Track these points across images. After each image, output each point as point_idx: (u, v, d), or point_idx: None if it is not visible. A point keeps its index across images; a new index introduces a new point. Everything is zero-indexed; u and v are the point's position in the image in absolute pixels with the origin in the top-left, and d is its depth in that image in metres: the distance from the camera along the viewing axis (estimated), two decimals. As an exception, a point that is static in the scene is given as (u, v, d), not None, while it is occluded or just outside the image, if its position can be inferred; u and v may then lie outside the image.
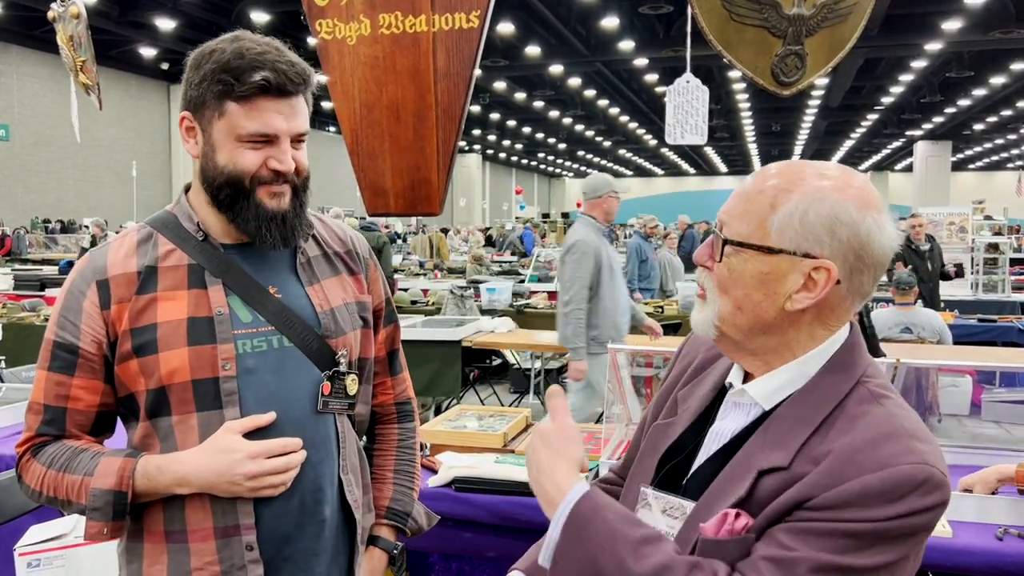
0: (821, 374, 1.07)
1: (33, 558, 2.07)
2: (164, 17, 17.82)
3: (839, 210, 1.02)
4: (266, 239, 1.34)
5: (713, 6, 2.65)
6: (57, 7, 3.74)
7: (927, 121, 27.93)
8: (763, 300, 1.05)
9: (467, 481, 2.28)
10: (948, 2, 15.12)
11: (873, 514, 0.93)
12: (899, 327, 5.65)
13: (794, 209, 1.03)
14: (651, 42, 18.45)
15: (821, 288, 1.03)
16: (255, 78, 1.27)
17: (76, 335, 1.32)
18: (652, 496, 1.14)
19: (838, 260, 1.03)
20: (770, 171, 1.09)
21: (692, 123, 3.01)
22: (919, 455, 0.95)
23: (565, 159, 47.61)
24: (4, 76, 20.62)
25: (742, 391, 1.12)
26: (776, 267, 1.04)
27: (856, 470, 0.95)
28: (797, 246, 1.03)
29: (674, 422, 1.20)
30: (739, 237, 1.06)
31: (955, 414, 3.58)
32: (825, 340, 1.08)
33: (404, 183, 2.87)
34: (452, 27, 2.71)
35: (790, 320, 1.06)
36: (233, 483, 1.28)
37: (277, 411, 1.33)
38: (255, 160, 1.31)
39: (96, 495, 1.28)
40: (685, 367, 1.28)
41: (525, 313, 7.99)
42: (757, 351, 1.10)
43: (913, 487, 0.93)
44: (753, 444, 1.06)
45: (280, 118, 1.31)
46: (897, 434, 0.97)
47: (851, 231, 1.02)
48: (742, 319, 1.07)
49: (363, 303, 1.50)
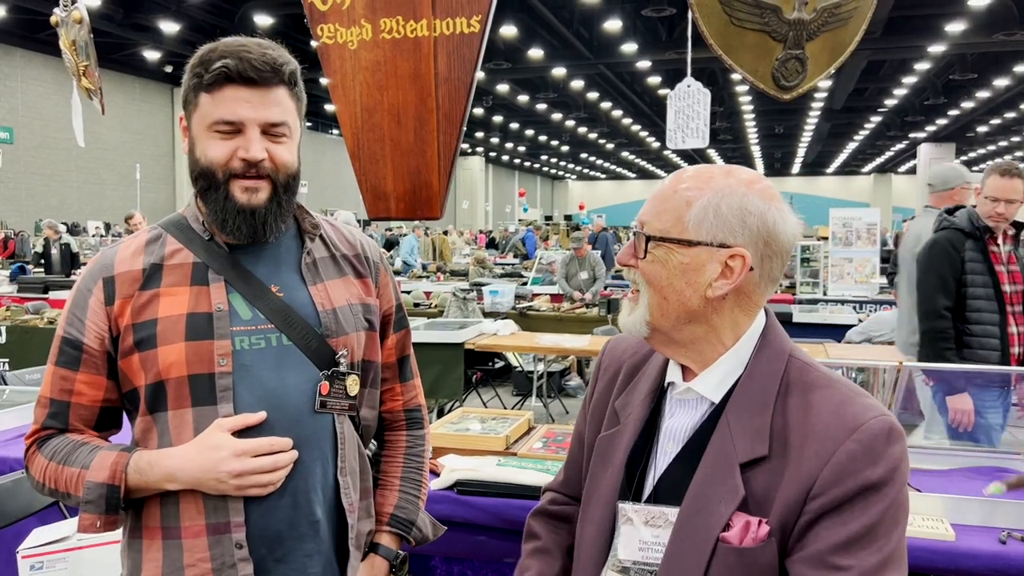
0: (755, 360, 1.15)
1: (36, 560, 2.07)
2: (168, 20, 17.86)
3: (747, 202, 1.13)
4: (233, 232, 1.34)
5: (714, 11, 2.66)
6: (60, 12, 3.75)
7: (930, 123, 27.90)
8: (686, 288, 1.13)
9: (469, 484, 2.27)
10: (951, 4, 15.10)
11: (869, 477, 1.03)
12: (902, 330, 5.64)
13: (707, 203, 1.12)
14: (654, 44, 18.46)
15: (737, 274, 1.12)
16: (215, 66, 1.28)
17: (81, 331, 1.35)
18: (632, 510, 1.17)
19: (750, 248, 1.12)
20: (683, 175, 1.18)
21: (693, 127, 3.02)
22: (873, 409, 1.08)
23: (568, 161, 47.62)
24: (8, 79, 20.68)
25: (687, 388, 1.18)
26: (696, 258, 1.13)
27: (834, 443, 1.05)
28: (713, 237, 1.12)
29: (619, 431, 1.25)
30: (659, 233, 1.15)
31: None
32: (747, 327, 1.17)
33: (405, 187, 2.88)
34: (453, 32, 2.72)
35: (712, 307, 1.14)
36: (219, 480, 1.28)
37: (273, 409, 1.33)
38: (224, 150, 1.31)
39: (90, 488, 1.30)
40: (612, 377, 1.34)
41: (528, 315, 8.00)
42: (686, 342, 1.17)
43: (885, 438, 1.05)
44: (720, 439, 1.12)
45: (247, 106, 1.30)
46: (847, 397, 1.09)
47: (759, 220, 1.12)
48: (669, 308, 1.15)
49: (369, 306, 1.49)
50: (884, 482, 1.04)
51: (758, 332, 1.17)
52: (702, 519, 1.09)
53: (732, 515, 1.07)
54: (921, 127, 28.49)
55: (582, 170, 52.44)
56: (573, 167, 50.96)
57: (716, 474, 1.09)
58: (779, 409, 1.11)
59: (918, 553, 1.97)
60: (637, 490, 1.19)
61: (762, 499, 1.07)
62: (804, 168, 47.47)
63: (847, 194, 48.27)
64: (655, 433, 1.21)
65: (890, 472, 1.04)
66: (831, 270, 9.78)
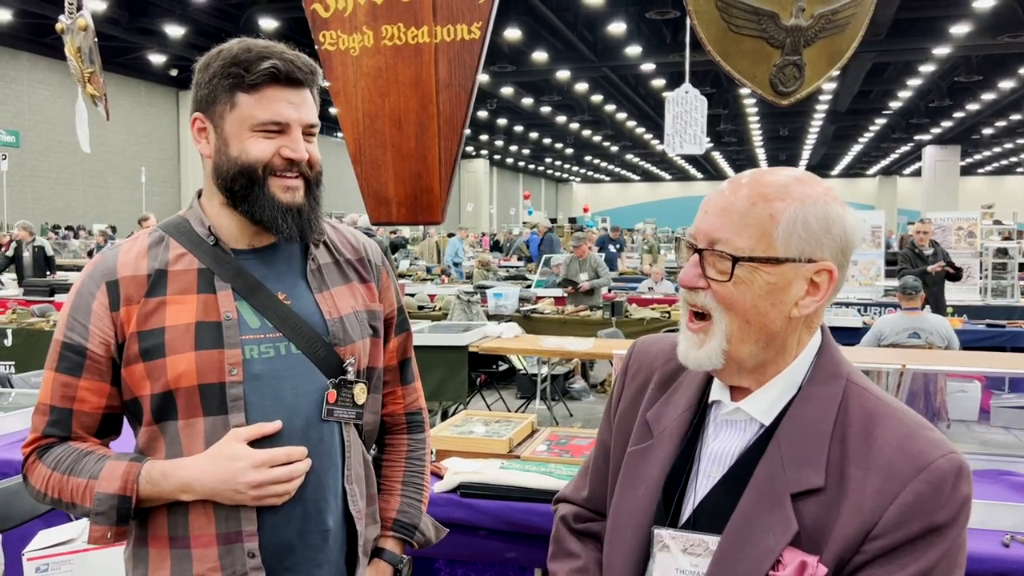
0: (810, 381, 1.07)
1: (41, 563, 2.08)
2: (173, 24, 17.92)
3: (830, 211, 1.05)
4: (283, 230, 1.34)
5: (711, 17, 2.66)
6: (65, 19, 3.77)
7: (935, 126, 27.83)
8: (770, 310, 1.05)
9: (473, 487, 2.28)
10: (956, 6, 15.07)
11: (934, 519, 0.97)
12: (907, 332, 5.63)
13: (795, 216, 1.03)
14: (658, 47, 18.46)
15: (825, 290, 1.05)
16: (264, 66, 1.29)
17: (84, 336, 1.32)
18: (669, 536, 1.10)
19: (834, 260, 1.05)
20: (749, 182, 1.08)
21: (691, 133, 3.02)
22: (942, 446, 1.00)
23: (572, 164, 47.59)
24: (15, 83, 20.76)
25: (736, 409, 1.10)
26: (782, 275, 1.04)
27: (900, 481, 0.98)
28: (801, 252, 1.04)
29: (652, 446, 1.16)
30: (744, 252, 1.04)
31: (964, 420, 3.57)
32: (807, 345, 1.09)
33: (406, 192, 2.89)
34: (454, 38, 2.73)
35: (791, 328, 1.06)
36: (237, 491, 1.27)
37: (282, 418, 1.32)
38: (268, 148, 1.31)
39: (100, 499, 1.28)
40: (641, 385, 1.24)
41: (532, 318, 8.00)
42: (755, 367, 1.09)
43: (953, 480, 0.98)
44: (769, 465, 1.04)
45: (291, 107, 1.32)
46: (913, 431, 1.02)
47: (841, 228, 1.05)
48: (751, 332, 1.06)
49: (373, 312, 1.49)
50: (947, 525, 0.97)
51: (814, 351, 1.10)
52: (748, 551, 1.01)
53: (783, 550, 0.99)
54: (926, 129, 28.42)
55: (586, 173, 52.39)
56: (577, 170, 50.93)
57: (764, 503, 1.02)
58: (837, 437, 1.03)
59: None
60: (674, 514, 1.11)
61: (815, 534, 0.99)
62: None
63: (852, 196, 48.15)
64: (694, 453, 1.12)
65: (955, 515, 0.98)
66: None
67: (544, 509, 2.16)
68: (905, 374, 2.73)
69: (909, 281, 5.85)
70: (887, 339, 5.64)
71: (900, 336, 5.62)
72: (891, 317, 5.92)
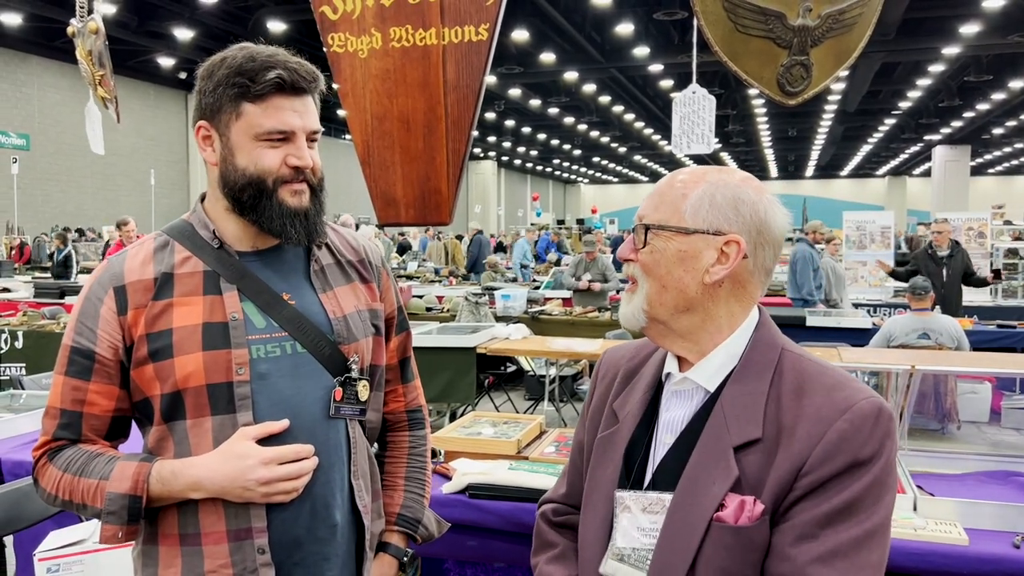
0: (750, 351, 1.20)
1: (52, 563, 2.10)
2: (182, 27, 17.99)
3: (740, 193, 1.20)
4: (291, 236, 1.37)
5: (718, 18, 2.66)
6: (76, 23, 3.80)
7: (945, 125, 27.71)
8: (684, 275, 1.19)
9: (481, 488, 2.28)
10: (966, 6, 15.00)
11: (857, 455, 1.08)
12: (916, 333, 5.60)
13: (703, 194, 1.19)
14: (666, 48, 18.44)
15: (733, 260, 1.18)
16: (269, 76, 1.31)
17: (93, 340, 1.35)
18: (630, 498, 1.21)
19: (743, 236, 1.18)
20: (679, 173, 1.25)
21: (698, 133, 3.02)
22: (864, 392, 1.13)
23: (580, 165, 47.59)
24: (25, 87, 20.88)
25: (683, 379, 1.22)
26: (692, 245, 1.18)
27: (826, 423, 1.10)
28: (709, 224, 1.18)
29: (618, 429, 1.29)
30: (658, 223, 1.21)
31: (974, 421, 3.56)
32: (743, 319, 1.22)
33: (415, 193, 2.90)
34: (461, 40, 2.74)
35: (710, 295, 1.19)
36: (246, 488, 1.30)
37: (289, 416, 1.35)
38: (275, 159, 1.34)
39: (111, 499, 1.30)
40: (610, 382, 1.37)
41: (540, 320, 8.00)
42: (684, 332, 1.22)
43: (875, 419, 1.10)
44: (714, 425, 1.16)
45: (295, 115, 1.34)
46: (840, 383, 1.14)
47: (751, 209, 1.19)
48: (667, 297, 1.20)
49: (375, 311, 1.52)
50: (869, 459, 1.08)
51: (752, 326, 1.22)
52: (695, 500, 1.12)
53: (726, 495, 1.10)
54: (936, 129, 28.30)
55: (594, 174, 52.38)
56: (585, 171, 50.93)
57: (710, 458, 1.13)
58: (773, 395, 1.15)
59: (931, 557, 1.96)
60: (637, 484, 1.22)
61: (755, 480, 1.10)
62: (818, 171, 47.25)
63: (861, 197, 48.00)
64: (653, 426, 1.24)
65: (876, 450, 1.09)
66: (845, 273, 9.72)
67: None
68: (915, 375, 2.72)
69: (919, 281, 5.82)
70: (896, 340, 5.62)
71: (910, 337, 5.59)
72: (901, 318, 5.89)
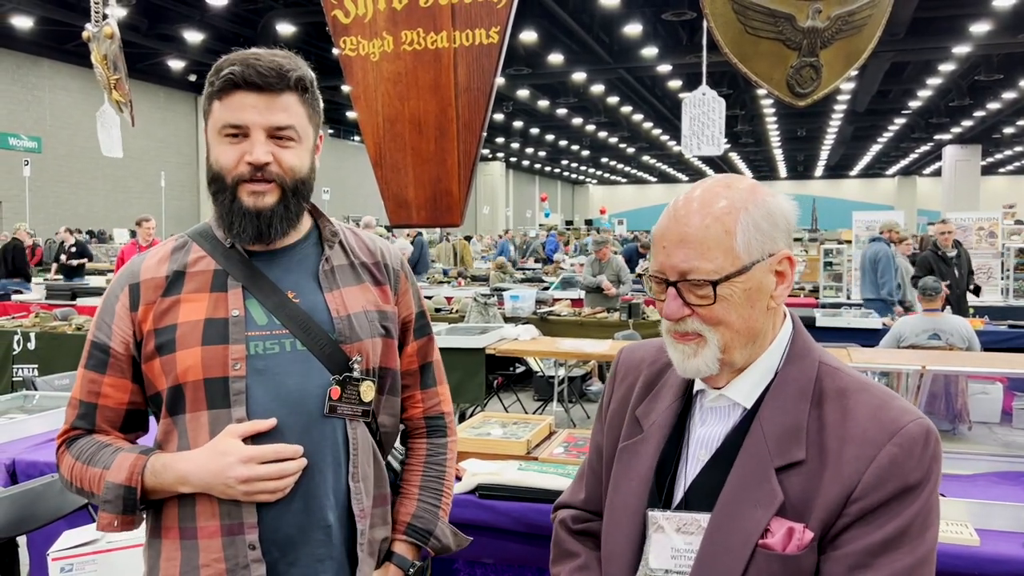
0: (787, 365, 1.16)
1: (66, 563, 2.11)
2: (192, 30, 18.07)
3: (770, 205, 1.14)
4: (240, 236, 1.38)
5: (728, 19, 2.66)
6: (91, 27, 3.83)
7: (956, 125, 27.57)
8: (752, 312, 1.13)
9: (491, 488, 2.29)
10: (976, 4, 14.93)
11: (908, 480, 1.05)
12: (927, 333, 5.58)
13: (746, 223, 1.12)
14: (674, 48, 18.41)
15: (791, 274, 1.15)
16: (222, 73, 1.34)
17: (108, 335, 1.40)
18: (663, 518, 1.16)
19: (787, 245, 1.15)
20: (691, 207, 1.14)
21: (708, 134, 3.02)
22: (911, 412, 1.09)
23: (588, 166, 47.55)
24: (36, 89, 21.01)
25: (719, 395, 1.18)
26: (754, 279, 1.12)
27: (875, 446, 1.06)
28: (762, 252, 1.13)
29: (643, 439, 1.24)
30: (720, 274, 1.11)
31: (985, 421, 3.55)
32: (780, 329, 1.18)
33: (426, 195, 2.92)
34: (472, 43, 2.75)
35: (768, 318, 1.16)
36: (227, 485, 1.31)
37: (285, 413, 1.35)
38: (233, 155, 1.35)
39: (109, 488, 1.34)
40: (630, 386, 1.32)
41: (549, 320, 8.00)
42: (743, 361, 1.17)
43: (923, 441, 1.06)
44: (753, 444, 1.11)
45: (253, 111, 1.34)
46: (884, 402, 1.10)
47: (783, 217, 1.15)
48: (740, 340, 1.14)
49: (385, 313, 1.50)
50: (919, 484, 1.05)
51: (787, 337, 1.18)
52: (737, 524, 1.08)
53: (771, 520, 1.06)
54: (946, 129, 28.16)
55: (603, 174, 52.32)
56: (594, 171, 50.88)
57: (750, 479, 1.09)
58: (814, 414, 1.11)
59: (942, 558, 1.95)
60: (667, 499, 1.18)
61: (800, 504, 1.07)
62: (827, 171, 47.07)
63: (871, 197, 47.81)
64: (683, 440, 1.20)
65: (925, 474, 1.06)
66: (855, 274, 9.69)
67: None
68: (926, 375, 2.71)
69: (929, 282, 5.80)
70: (907, 340, 5.60)
71: (920, 337, 5.57)
72: (911, 318, 5.87)
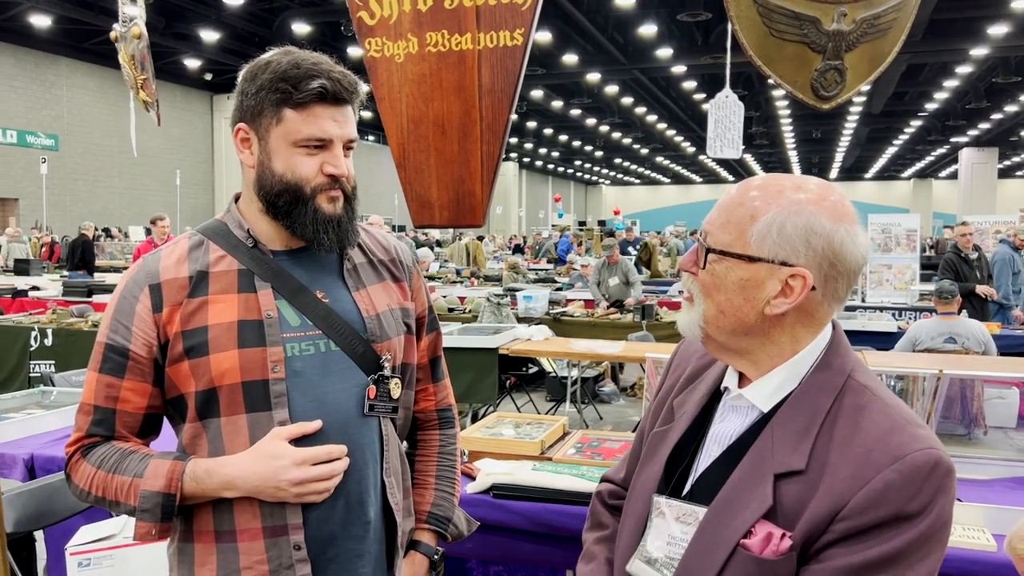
0: (813, 375, 1.13)
1: (84, 558, 2.12)
2: (208, 29, 18.18)
3: (814, 222, 1.09)
4: (323, 243, 1.38)
5: (752, 22, 2.65)
6: (120, 28, 3.86)
7: (972, 127, 27.37)
8: (743, 304, 1.12)
9: (505, 488, 2.29)
10: (994, 6, 14.82)
11: (904, 508, 1.00)
12: (943, 337, 5.55)
13: (772, 220, 1.09)
14: (689, 49, 18.36)
15: (797, 295, 1.09)
16: (312, 85, 1.32)
17: (127, 338, 1.35)
18: (665, 504, 1.18)
19: (813, 268, 1.09)
20: (752, 183, 1.15)
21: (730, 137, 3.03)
22: (923, 441, 1.04)
23: (602, 167, 47.49)
24: (54, 88, 21.19)
25: (739, 395, 1.18)
26: (755, 274, 1.10)
27: (874, 468, 1.02)
28: (775, 255, 1.09)
29: (672, 427, 1.26)
30: (721, 246, 1.12)
31: (1002, 427, 3.52)
32: (809, 341, 1.14)
33: (449, 196, 2.93)
34: (497, 45, 2.76)
35: (771, 322, 1.13)
36: (279, 488, 1.31)
37: (323, 414, 1.36)
38: (312, 166, 1.35)
39: (146, 496, 1.31)
40: (678, 376, 1.34)
41: (562, 321, 8.00)
42: (742, 351, 1.16)
43: (928, 473, 1.02)
44: (761, 447, 1.11)
45: (334, 124, 1.36)
46: (899, 425, 1.06)
47: (825, 242, 1.09)
48: (724, 322, 1.14)
49: (407, 309, 1.53)
50: (917, 514, 1.01)
51: (820, 347, 1.14)
52: (726, 521, 1.09)
53: (756, 523, 1.06)
54: (963, 131, 27.97)
55: (616, 175, 52.24)
56: (607, 172, 50.81)
57: (749, 480, 1.09)
58: (827, 427, 1.08)
59: (959, 564, 1.95)
60: (678, 488, 1.20)
61: (791, 512, 1.06)
62: (842, 173, 46.82)
63: (886, 199, 47.50)
64: (703, 433, 1.21)
65: (926, 505, 1.01)
66: (869, 276, 9.64)
67: (576, 511, 2.17)
68: (942, 379, 2.70)
69: (945, 285, 5.76)
70: (922, 344, 5.57)
71: (936, 341, 5.54)
72: (926, 322, 5.84)
